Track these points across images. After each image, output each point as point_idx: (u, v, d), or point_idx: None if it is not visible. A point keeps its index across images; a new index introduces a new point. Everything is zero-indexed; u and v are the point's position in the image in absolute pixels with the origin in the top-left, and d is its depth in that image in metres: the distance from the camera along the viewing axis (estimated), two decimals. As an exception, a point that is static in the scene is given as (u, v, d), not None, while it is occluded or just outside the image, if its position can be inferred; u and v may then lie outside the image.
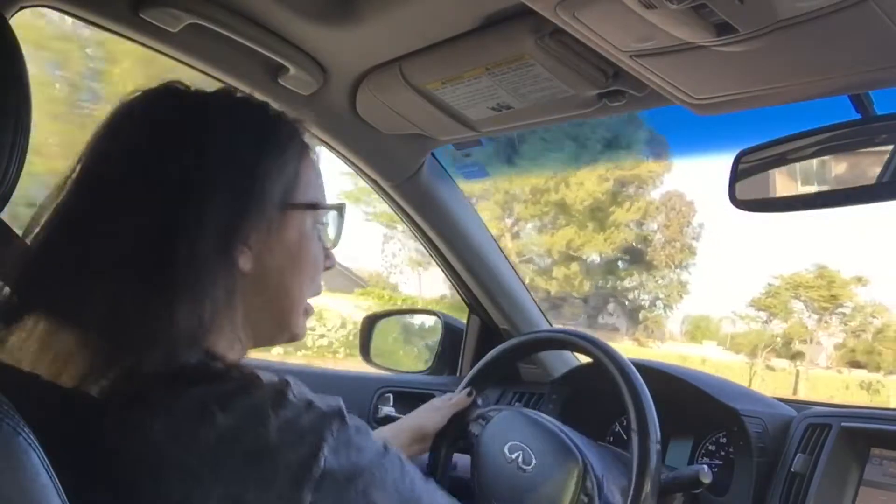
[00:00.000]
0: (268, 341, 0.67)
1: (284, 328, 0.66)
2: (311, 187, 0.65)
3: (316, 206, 0.66)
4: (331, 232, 0.69)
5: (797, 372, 13.26)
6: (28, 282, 0.57)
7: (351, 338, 9.75)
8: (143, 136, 0.58)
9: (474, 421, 1.09)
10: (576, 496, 0.91)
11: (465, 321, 1.62)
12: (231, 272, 0.58)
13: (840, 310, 13.58)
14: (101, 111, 0.63)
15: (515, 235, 15.02)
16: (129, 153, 0.58)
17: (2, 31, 0.59)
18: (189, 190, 0.56)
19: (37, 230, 0.58)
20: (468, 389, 1.11)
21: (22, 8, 0.84)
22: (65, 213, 0.57)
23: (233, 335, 0.60)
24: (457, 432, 1.09)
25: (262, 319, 0.63)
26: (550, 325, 1.64)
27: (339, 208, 0.69)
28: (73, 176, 0.58)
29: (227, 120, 0.61)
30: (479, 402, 1.13)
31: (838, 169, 0.87)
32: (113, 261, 0.54)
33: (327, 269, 0.70)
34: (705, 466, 0.88)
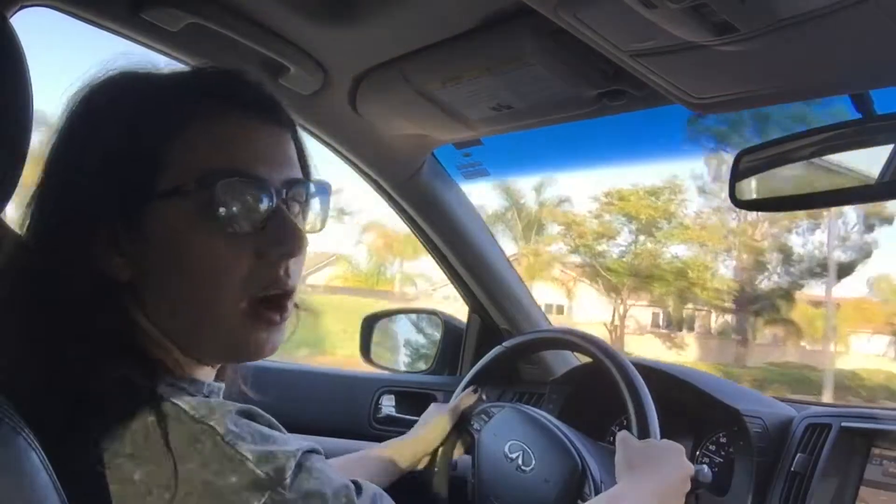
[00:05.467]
0: (214, 357, 0.57)
1: (218, 344, 0.54)
2: (197, 162, 0.51)
3: (178, 189, 0.50)
4: (232, 209, 0.51)
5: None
6: None
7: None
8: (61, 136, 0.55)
9: (477, 416, 1.10)
10: (573, 500, 0.91)
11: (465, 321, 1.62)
12: (107, 284, 0.50)
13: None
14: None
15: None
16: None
17: (2, 31, 0.59)
18: (66, 192, 0.51)
19: None
20: (473, 387, 1.14)
21: (22, 7, 0.84)
22: None
23: (164, 349, 0.53)
24: (459, 427, 1.10)
25: (187, 334, 0.53)
26: (550, 324, 1.64)
27: (232, 175, 0.51)
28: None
29: (104, 104, 0.55)
30: (484, 397, 1.14)
31: (838, 168, 0.87)
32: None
33: (284, 255, 0.53)
34: (705, 466, 0.88)
